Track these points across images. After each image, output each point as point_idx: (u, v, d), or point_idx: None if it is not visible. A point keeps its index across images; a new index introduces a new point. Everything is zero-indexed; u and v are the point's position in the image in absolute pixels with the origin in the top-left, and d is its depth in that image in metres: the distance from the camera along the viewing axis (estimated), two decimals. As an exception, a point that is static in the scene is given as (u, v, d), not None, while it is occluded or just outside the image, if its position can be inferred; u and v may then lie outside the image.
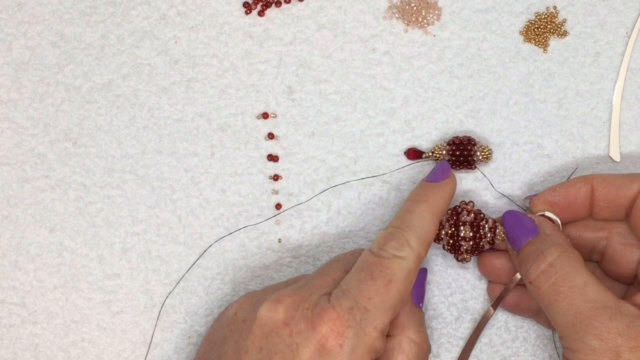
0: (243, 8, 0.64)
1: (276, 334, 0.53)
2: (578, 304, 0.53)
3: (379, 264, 0.55)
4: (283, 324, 0.53)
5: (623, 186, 0.58)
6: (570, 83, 0.64)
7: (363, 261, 0.55)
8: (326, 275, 0.56)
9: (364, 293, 0.54)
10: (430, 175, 0.60)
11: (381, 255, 0.55)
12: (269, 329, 0.53)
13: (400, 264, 0.55)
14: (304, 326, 0.53)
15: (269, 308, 0.54)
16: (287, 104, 0.64)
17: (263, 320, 0.54)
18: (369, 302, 0.53)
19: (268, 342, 0.53)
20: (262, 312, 0.54)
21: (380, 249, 0.55)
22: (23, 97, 0.64)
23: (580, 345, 0.52)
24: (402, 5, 0.64)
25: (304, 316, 0.53)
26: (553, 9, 0.64)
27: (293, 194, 0.64)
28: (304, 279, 0.57)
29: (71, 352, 0.64)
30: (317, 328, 0.52)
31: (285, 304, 0.54)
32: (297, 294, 0.54)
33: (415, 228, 0.56)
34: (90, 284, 0.64)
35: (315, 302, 0.54)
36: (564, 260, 0.54)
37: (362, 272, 0.55)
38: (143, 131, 0.64)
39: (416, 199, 0.58)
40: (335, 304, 0.53)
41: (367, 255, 0.56)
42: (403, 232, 0.56)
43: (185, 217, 0.64)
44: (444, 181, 0.59)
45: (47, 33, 0.64)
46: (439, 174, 0.60)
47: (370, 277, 0.54)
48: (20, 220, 0.64)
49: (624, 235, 0.59)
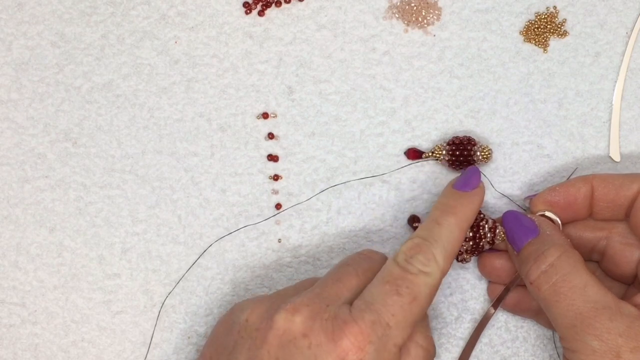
0: (243, 8, 0.64)
1: (294, 345, 0.52)
2: (578, 304, 0.52)
3: (406, 279, 0.53)
4: (301, 335, 0.52)
5: (623, 186, 0.58)
6: (570, 83, 0.64)
7: (388, 273, 0.54)
8: (339, 281, 0.55)
9: (388, 308, 0.52)
10: (459, 182, 0.58)
11: (407, 269, 0.54)
12: (286, 340, 0.52)
13: (426, 280, 0.53)
14: (323, 338, 0.51)
15: (286, 318, 0.52)
16: (287, 104, 0.64)
17: (280, 330, 0.52)
18: (392, 319, 0.52)
19: (285, 353, 0.52)
20: (279, 322, 0.52)
21: (407, 261, 0.54)
22: (23, 97, 0.64)
23: (581, 346, 0.52)
24: (402, 5, 0.64)
25: (323, 328, 0.52)
26: (553, 9, 0.64)
27: (293, 194, 0.64)
28: (317, 285, 0.55)
29: (71, 352, 0.64)
30: (337, 341, 0.51)
31: (303, 314, 0.52)
32: (314, 302, 0.53)
33: (443, 243, 0.55)
34: (90, 284, 0.64)
35: (335, 313, 0.52)
36: (564, 260, 0.54)
37: (387, 285, 0.53)
38: (143, 131, 0.64)
39: (446, 210, 0.56)
40: (358, 317, 0.52)
41: (392, 267, 0.54)
42: (430, 246, 0.54)
43: (185, 217, 0.64)
44: (473, 192, 0.57)
45: (47, 33, 0.64)
46: (469, 182, 0.58)
47: (396, 292, 0.53)
48: (20, 220, 0.64)
49: (624, 235, 0.59)
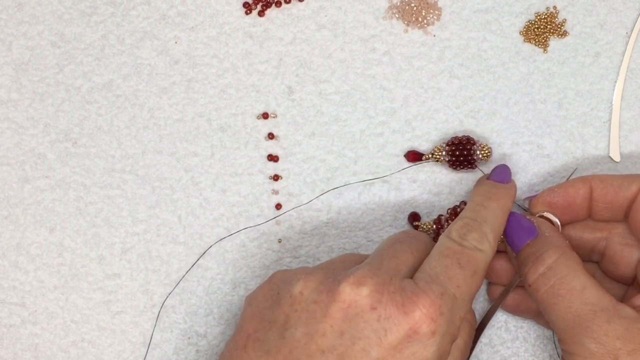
0: (243, 8, 0.64)
1: (361, 318, 0.50)
2: (576, 306, 0.52)
3: (465, 253, 0.53)
4: (370, 308, 0.51)
5: (622, 187, 0.58)
6: (570, 83, 0.64)
7: (446, 247, 0.54)
8: (396, 257, 0.54)
9: (453, 280, 0.52)
10: (494, 175, 0.59)
11: (464, 244, 0.54)
12: (352, 313, 0.51)
13: (482, 256, 0.54)
14: (394, 311, 0.50)
15: (352, 290, 0.51)
16: (287, 104, 0.64)
17: (345, 303, 0.51)
18: (457, 290, 0.52)
19: (351, 326, 0.50)
20: (343, 294, 0.51)
21: (462, 238, 0.54)
22: (23, 97, 0.64)
23: (579, 349, 0.52)
24: (402, 5, 0.64)
25: (392, 300, 0.51)
26: (553, 9, 0.64)
27: (293, 194, 0.64)
28: (373, 259, 0.54)
29: (71, 352, 0.64)
30: (409, 313, 0.50)
31: (369, 286, 0.51)
32: (377, 275, 0.52)
33: (491, 224, 0.55)
34: (90, 284, 0.64)
35: (402, 286, 0.51)
36: (563, 263, 0.54)
37: (448, 259, 0.53)
38: (143, 131, 0.64)
39: (488, 196, 0.57)
40: (427, 288, 0.51)
41: (448, 242, 0.54)
42: (481, 225, 0.55)
43: (185, 217, 0.64)
44: (509, 184, 0.58)
45: (47, 33, 0.64)
46: (503, 176, 0.59)
47: (458, 265, 0.53)
48: (20, 220, 0.64)
49: (624, 236, 0.59)
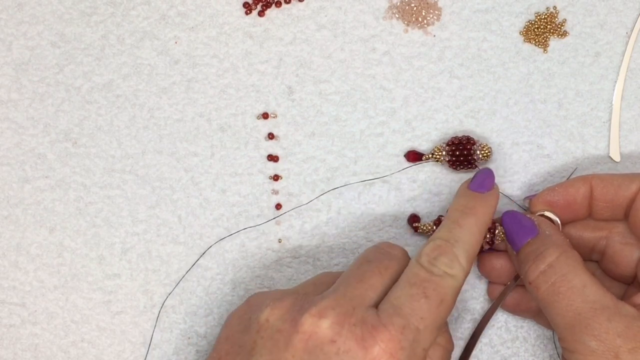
0: (243, 8, 0.64)
1: (321, 351, 0.51)
2: (577, 304, 0.52)
3: (432, 281, 0.53)
4: (329, 341, 0.51)
5: (622, 186, 0.58)
6: (570, 83, 0.64)
7: (413, 275, 0.53)
8: (363, 281, 0.53)
9: (417, 312, 0.51)
10: (474, 183, 0.58)
11: (432, 271, 0.53)
12: (312, 345, 0.51)
13: (451, 283, 0.53)
14: (353, 344, 0.50)
15: (313, 322, 0.51)
16: (287, 104, 0.64)
17: (306, 335, 0.51)
18: (421, 322, 0.51)
19: (311, 357, 0.50)
20: (304, 326, 0.51)
21: (431, 263, 0.53)
22: (23, 97, 0.64)
23: (579, 347, 0.52)
24: (402, 5, 0.64)
25: (352, 333, 0.51)
26: (553, 9, 0.64)
27: (293, 194, 0.64)
28: (340, 284, 0.54)
29: (71, 352, 0.64)
30: (368, 348, 0.50)
31: (330, 318, 0.51)
32: (340, 305, 0.52)
33: (465, 244, 0.54)
34: (90, 284, 0.64)
35: (363, 318, 0.51)
36: (563, 261, 0.54)
37: (414, 288, 0.52)
38: (143, 131, 0.64)
39: (465, 211, 0.56)
40: (387, 322, 0.51)
41: (417, 269, 0.53)
42: (453, 247, 0.54)
43: (185, 217, 0.64)
44: (490, 193, 0.57)
45: (47, 33, 0.64)
46: (485, 183, 0.57)
47: (424, 294, 0.52)
48: (20, 220, 0.64)
49: (624, 235, 0.59)
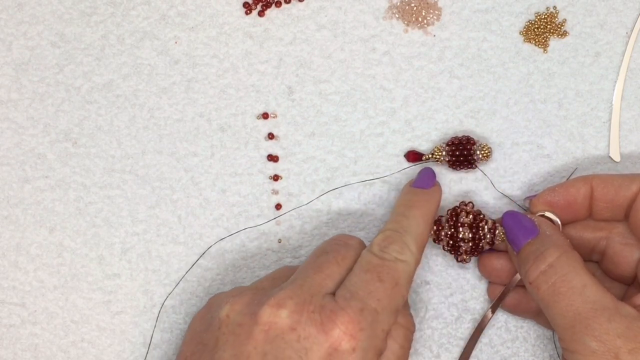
0: (243, 8, 0.64)
1: (282, 340, 0.51)
2: (577, 305, 0.53)
3: (385, 266, 0.54)
4: (289, 329, 0.52)
5: (622, 186, 0.58)
6: (570, 83, 0.64)
7: (366, 262, 0.55)
8: (320, 271, 0.55)
9: (373, 294, 0.53)
10: (417, 181, 0.60)
11: (384, 257, 0.55)
12: (273, 335, 0.52)
13: (404, 267, 0.55)
14: (313, 330, 0.51)
15: (271, 312, 0.52)
16: (287, 104, 0.64)
17: (266, 326, 0.52)
18: (378, 304, 0.53)
19: (273, 347, 0.51)
20: (263, 317, 0.52)
21: (383, 251, 0.55)
22: (23, 97, 0.64)
23: (580, 347, 0.52)
24: (402, 5, 0.64)
25: (312, 320, 0.52)
26: (553, 9, 0.64)
27: (293, 194, 0.64)
28: (297, 276, 0.55)
29: (71, 352, 0.64)
30: (328, 332, 0.51)
31: (288, 308, 0.52)
32: (298, 295, 0.53)
33: (413, 233, 0.56)
34: (90, 284, 0.64)
35: (321, 304, 0.52)
36: (564, 261, 0.54)
37: (368, 274, 0.54)
38: (143, 131, 0.64)
39: (409, 205, 0.58)
40: (345, 305, 0.52)
41: (369, 256, 0.55)
42: (402, 236, 0.56)
43: (185, 217, 0.64)
44: (432, 189, 0.59)
45: (47, 33, 0.64)
46: (426, 181, 0.60)
47: (378, 278, 0.53)
48: (20, 220, 0.64)
49: (624, 236, 0.59)
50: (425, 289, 0.63)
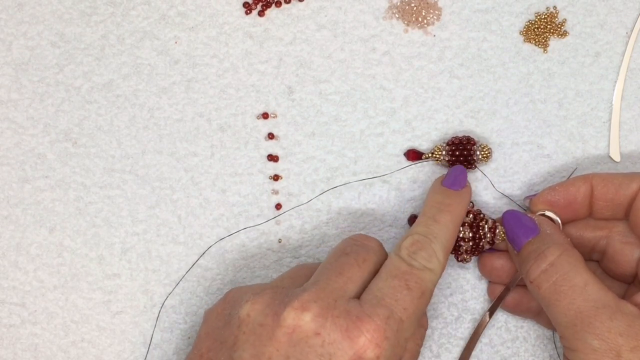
0: (243, 8, 0.64)
1: (305, 344, 0.51)
2: (578, 303, 0.53)
3: (413, 274, 0.54)
4: (313, 334, 0.51)
5: (622, 185, 0.58)
6: (570, 83, 0.64)
7: (395, 267, 0.54)
8: (342, 274, 0.54)
9: (400, 303, 0.52)
10: (448, 180, 0.59)
11: (413, 265, 0.54)
12: (297, 338, 0.51)
13: (431, 276, 0.54)
14: (338, 336, 0.51)
15: (295, 316, 0.51)
16: (287, 104, 0.64)
17: (289, 328, 0.51)
18: (404, 313, 0.52)
19: (296, 350, 0.51)
20: (287, 320, 0.51)
21: (411, 257, 0.54)
22: (23, 97, 0.64)
23: (581, 345, 0.52)
24: (402, 5, 0.64)
25: (337, 325, 0.51)
26: (553, 9, 0.64)
27: (293, 194, 0.64)
28: (319, 278, 0.54)
29: (71, 352, 0.64)
30: (354, 339, 0.51)
31: (312, 311, 0.51)
32: (321, 298, 0.52)
33: (442, 240, 0.55)
34: (90, 284, 0.64)
35: (346, 309, 0.52)
36: (565, 259, 0.54)
37: (396, 280, 0.53)
38: (143, 131, 0.64)
39: (441, 208, 0.57)
40: (372, 312, 0.52)
41: (398, 261, 0.54)
42: (431, 243, 0.55)
43: (185, 217, 0.64)
44: (464, 190, 0.58)
45: (47, 33, 0.64)
46: (458, 180, 0.59)
47: (406, 286, 0.53)
48: (20, 220, 0.64)
49: (624, 234, 0.59)
50: (425, 289, 0.63)
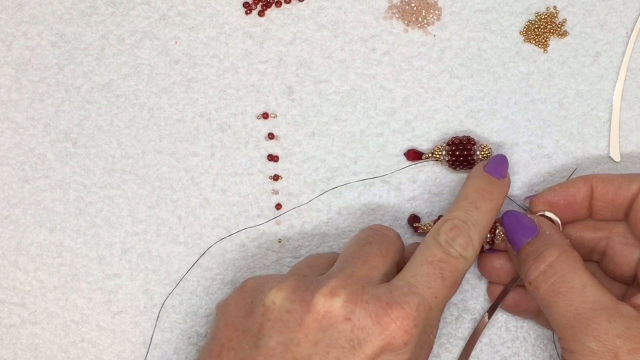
0: (243, 8, 0.64)
1: (335, 329, 0.51)
2: (577, 305, 0.53)
3: (449, 262, 0.54)
4: (343, 319, 0.51)
5: (622, 186, 0.58)
6: (570, 83, 0.64)
7: (430, 254, 0.54)
8: (367, 262, 0.54)
9: (432, 291, 0.52)
10: (491, 166, 0.58)
11: (449, 252, 0.54)
12: (326, 324, 0.51)
13: (464, 265, 0.54)
14: (369, 322, 0.51)
15: (325, 301, 0.51)
16: (287, 104, 0.64)
17: (319, 314, 0.51)
18: (434, 301, 0.52)
19: (326, 336, 0.51)
20: (317, 305, 0.51)
21: (449, 244, 0.54)
22: (23, 97, 0.64)
23: (579, 347, 0.52)
24: (402, 5, 0.64)
25: (367, 311, 0.51)
26: (553, 9, 0.64)
27: (293, 194, 0.64)
28: (344, 265, 0.54)
29: (71, 352, 0.64)
30: (384, 325, 0.51)
31: (342, 297, 0.51)
32: (349, 285, 0.52)
33: (480, 228, 0.55)
34: (90, 284, 0.64)
35: (376, 295, 0.52)
36: (564, 261, 0.54)
37: (430, 267, 0.53)
38: (143, 131, 0.64)
39: (483, 195, 0.57)
40: (402, 300, 0.52)
41: (435, 247, 0.54)
42: (469, 230, 0.55)
43: (185, 217, 0.64)
44: (505, 180, 0.58)
45: (47, 33, 0.64)
46: (501, 169, 0.58)
47: (440, 275, 0.53)
48: (20, 220, 0.64)
49: (624, 235, 0.59)
50: (425, 289, 0.63)
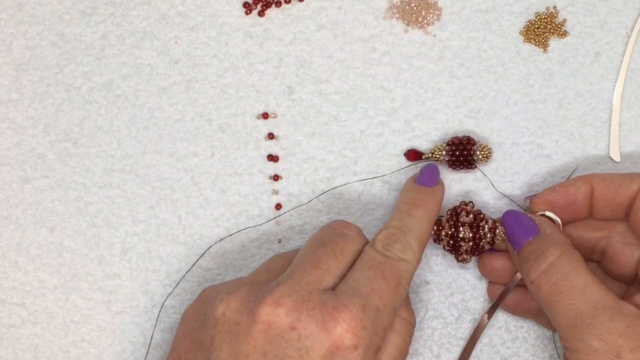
0: (243, 8, 0.64)
1: (282, 339, 0.51)
2: (578, 304, 0.53)
3: (388, 264, 0.54)
4: (289, 328, 0.51)
5: (622, 185, 0.58)
6: (570, 83, 0.64)
7: (370, 258, 0.54)
8: (318, 266, 0.54)
9: (375, 292, 0.53)
10: (421, 177, 0.60)
11: (388, 255, 0.54)
12: (272, 334, 0.51)
13: (406, 267, 0.55)
14: (314, 329, 0.51)
15: (270, 312, 0.51)
16: (287, 104, 0.64)
17: (265, 325, 0.51)
18: (380, 302, 0.52)
19: (273, 346, 0.51)
20: (262, 316, 0.51)
21: (386, 249, 0.55)
22: (23, 97, 0.64)
23: (581, 346, 0.52)
24: (402, 5, 0.64)
25: (312, 318, 0.51)
26: (553, 9, 0.64)
27: (293, 194, 0.64)
28: (295, 270, 0.54)
29: (71, 352, 0.64)
30: (330, 330, 0.51)
31: (286, 306, 0.51)
32: (296, 292, 0.52)
33: (416, 232, 0.56)
34: (90, 284, 0.64)
35: (321, 301, 0.52)
36: (565, 260, 0.54)
37: (371, 270, 0.54)
38: (143, 131, 0.64)
39: (414, 204, 0.58)
40: (347, 302, 0.52)
41: (372, 253, 0.55)
42: (405, 235, 0.56)
43: (185, 217, 0.64)
44: (436, 187, 0.59)
45: (47, 33, 0.64)
46: (430, 178, 0.60)
47: (382, 276, 0.53)
48: (20, 220, 0.64)
49: (624, 235, 0.59)
50: (425, 289, 0.63)
